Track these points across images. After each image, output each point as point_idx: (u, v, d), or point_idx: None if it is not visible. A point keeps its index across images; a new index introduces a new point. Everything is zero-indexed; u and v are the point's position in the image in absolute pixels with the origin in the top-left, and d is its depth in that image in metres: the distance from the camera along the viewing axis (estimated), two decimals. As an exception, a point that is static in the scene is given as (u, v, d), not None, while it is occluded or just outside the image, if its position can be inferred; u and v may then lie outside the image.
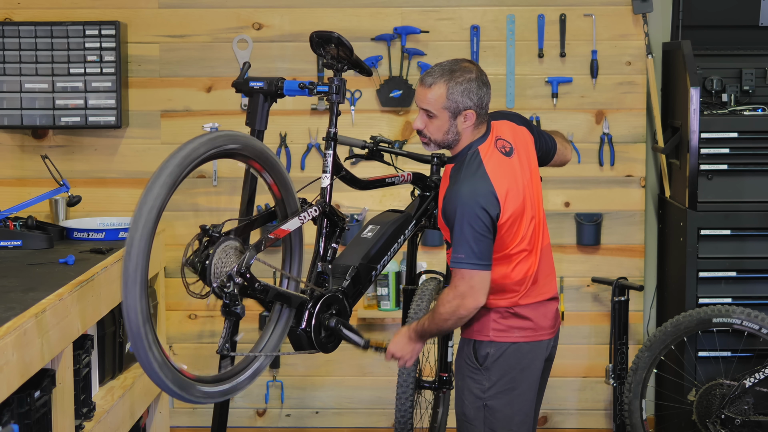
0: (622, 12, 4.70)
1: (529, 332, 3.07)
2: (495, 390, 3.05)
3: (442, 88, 2.95)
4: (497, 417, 3.05)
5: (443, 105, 2.96)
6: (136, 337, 2.41)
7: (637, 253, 4.78)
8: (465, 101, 2.95)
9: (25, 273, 3.39)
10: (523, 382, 3.07)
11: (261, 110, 3.16)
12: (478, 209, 2.90)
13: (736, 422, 4.07)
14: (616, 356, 4.47)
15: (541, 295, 3.10)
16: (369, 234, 3.33)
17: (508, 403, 3.05)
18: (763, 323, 4.04)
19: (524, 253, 3.03)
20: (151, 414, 4.42)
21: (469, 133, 3.02)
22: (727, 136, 4.32)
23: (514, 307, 3.05)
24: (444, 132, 3.00)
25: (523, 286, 3.05)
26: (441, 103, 2.96)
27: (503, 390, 3.05)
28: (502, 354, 3.05)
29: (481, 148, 3.00)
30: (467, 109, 2.96)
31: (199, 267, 2.64)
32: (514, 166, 3.03)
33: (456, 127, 2.99)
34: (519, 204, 2.98)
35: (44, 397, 2.88)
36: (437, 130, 3.00)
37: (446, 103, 2.95)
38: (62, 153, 4.73)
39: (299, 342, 2.99)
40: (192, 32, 4.73)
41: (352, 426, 4.87)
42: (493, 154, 3.00)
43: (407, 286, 3.82)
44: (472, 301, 2.94)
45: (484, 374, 3.05)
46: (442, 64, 2.99)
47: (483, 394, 3.05)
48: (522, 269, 3.04)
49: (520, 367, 3.06)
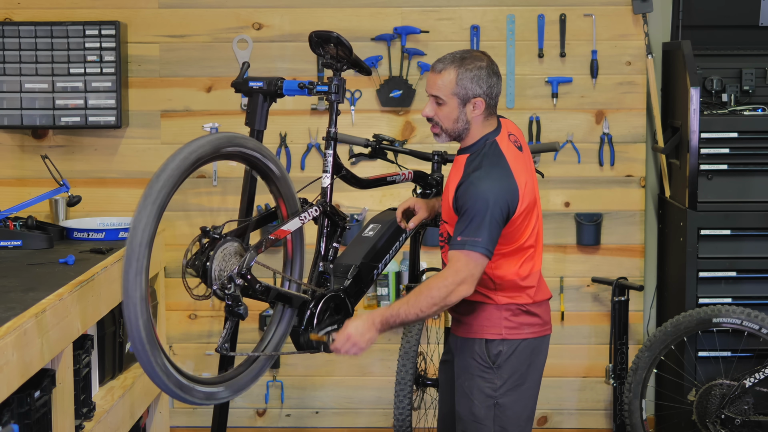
0: (622, 12, 4.70)
1: (538, 328, 3.08)
2: (506, 387, 3.04)
3: (452, 74, 2.94)
4: (507, 414, 3.04)
5: (452, 91, 2.94)
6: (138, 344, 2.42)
7: (637, 253, 4.78)
8: (474, 88, 2.94)
9: (25, 273, 3.39)
10: (529, 377, 3.07)
11: (260, 110, 3.17)
12: (503, 202, 2.87)
13: (736, 422, 4.07)
14: (616, 356, 4.47)
15: (546, 293, 3.12)
16: (370, 233, 3.33)
17: (517, 400, 3.04)
18: (763, 323, 4.04)
19: (531, 249, 3.03)
20: (151, 414, 4.42)
21: (479, 123, 2.99)
22: (727, 136, 4.32)
23: (525, 305, 3.04)
24: (453, 120, 2.98)
25: (534, 284, 3.05)
26: (450, 89, 2.94)
27: (513, 387, 3.04)
28: (514, 351, 3.03)
29: (498, 140, 2.99)
30: (476, 97, 2.95)
31: (200, 269, 2.64)
32: (527, 161, 3.06)
33: (465, 115, 2.97)
34: (532, 198, 2.99)
35: (44, 397, 2.88)
36: (446, 117, 2.98)
37: (456, 89, 2.94)
38: (62, 153, 4.73)
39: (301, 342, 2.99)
40: (192, 32, 4.73)
41: (352, 426, 4.87)
42: (509, 147, 3.00)
43: (410, 284, 3.82)
44: (465, 289, 2.87)
45: (496, 372, 3.03)
46: (454, 53, 2.99)
47: (495, 393, 3.03)
48: (528, 267, 3.03)
49: (528, 363, 3.06)
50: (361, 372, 4.85)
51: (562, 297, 4.77)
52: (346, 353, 2.90)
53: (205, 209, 4.77)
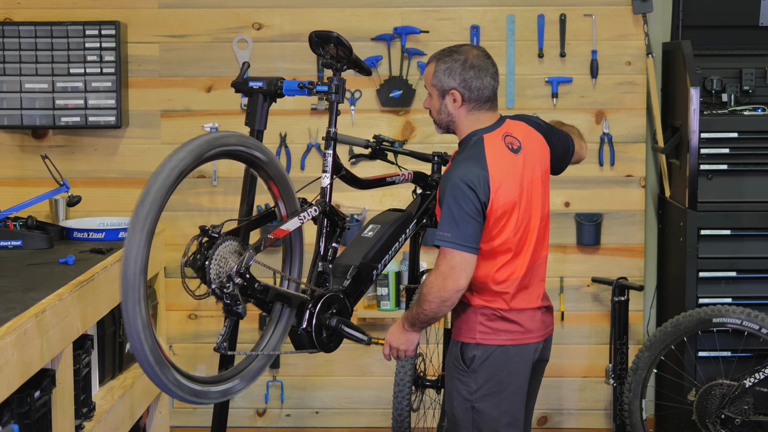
0: (622, 12, 4.70)
1: (517, 335, 3.04)
2: (482, 392, 3.02)
3: (432, 67, 3.03)
4: (484, 419, 3.02)
5: (432, 83, 3.03)
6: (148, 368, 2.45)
7: (637, 253, 4.78)
8: (448, 81, 2.99)
9: (25, 273, 3.39)
10: (511, 384, 3.04)
11: (260, 110, 3.17)
12: (467, 188, 2.87)
13: (736, 422, 4.07)
14: (616, 356, 4.47)
15: (531, 302, 3.06)
16: (370, 233, 3.33)
17: (495, 405, 3.02)
18: (763, 323, 4.04)
19: (509, 254, 2.99)
20: (151, 414, 4.41)
21: (462, 117, 3.01)
22: (727, 136, 4.32)
23: (501, 310, 3.02)
24: (437, 111, 3.05)
25: (510, 291, 3.01)
26: (430, 80, 3.03)
27: (490, 392, 3.02)
28: (488, 357, 3.01)
29: (486, 136, 2.98)
30: (452, 89, 2.99)
31: (199, 268, 2.64)
32: (518, 164, 2.99)
33: (446, 107, 3.02)
34: (510, 200, 2.94)
35: (44, 397, 2.88)
36: (433, 109, 3.07)
37: (434, 80, 3.02)
38: (62, 153, 4.73)
39: (300, 342, 3.00)
40: (192, 32, 4.73)
41: (352, 426, 4.87)
42: (497, 145, 2.98)
43: (410, 285, 3.82)
44: (452, 283, 2.88)
45: (471, 376, 3.03)
46: (449, 47, 3.06)
47: (470, 396, 3.03)
48: (505, 273, 2.99)
49: (507, 370, 3.03)
50: (361, 372, 4.85)
51: (562, 297, 4.77)
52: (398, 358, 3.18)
53: (205, 209, 4.77)
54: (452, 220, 2.88)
